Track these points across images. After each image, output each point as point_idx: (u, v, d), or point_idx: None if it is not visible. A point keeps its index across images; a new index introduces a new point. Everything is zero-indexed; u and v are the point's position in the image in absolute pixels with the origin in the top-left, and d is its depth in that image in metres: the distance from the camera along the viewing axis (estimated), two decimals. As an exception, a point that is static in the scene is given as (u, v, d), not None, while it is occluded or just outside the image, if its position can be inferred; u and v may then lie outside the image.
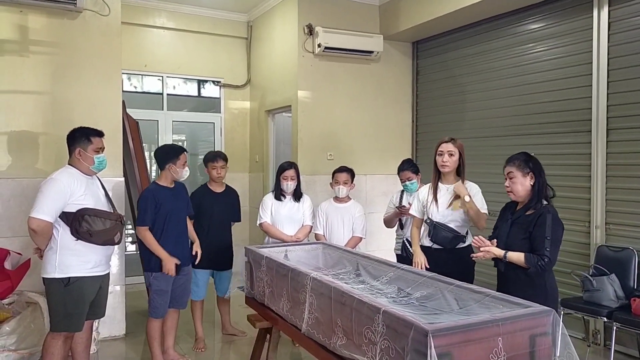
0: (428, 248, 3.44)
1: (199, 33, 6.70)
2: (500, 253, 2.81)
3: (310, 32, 5.77)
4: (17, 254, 3.92)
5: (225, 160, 4.34)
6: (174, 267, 3.63)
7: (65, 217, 3.01)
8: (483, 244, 2.87)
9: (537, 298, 2.35)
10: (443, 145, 3.42)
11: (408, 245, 4.06)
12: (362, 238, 4.27)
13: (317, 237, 4.27)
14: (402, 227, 4.28)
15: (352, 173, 4.29)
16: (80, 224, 3.01)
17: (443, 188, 3.45)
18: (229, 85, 7.00)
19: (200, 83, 7.09)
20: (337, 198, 4.29)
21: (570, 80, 4.56)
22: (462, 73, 5.73)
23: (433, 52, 6.19)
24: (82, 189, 3.05)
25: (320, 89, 5.91)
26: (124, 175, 4.57)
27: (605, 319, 3.83)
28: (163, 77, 6.71)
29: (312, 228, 4.25)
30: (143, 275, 3.85)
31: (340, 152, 5.97)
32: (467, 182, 3.46)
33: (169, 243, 3.64)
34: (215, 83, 7.02)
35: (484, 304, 2.29)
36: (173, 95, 6.88)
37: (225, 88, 7.00)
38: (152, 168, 6.16)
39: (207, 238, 4.13)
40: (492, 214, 3.39)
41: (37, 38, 4.19)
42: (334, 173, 4.30)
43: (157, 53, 6.52)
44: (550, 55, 4.74)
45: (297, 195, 4.22)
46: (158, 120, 6.71)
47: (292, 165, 4.21)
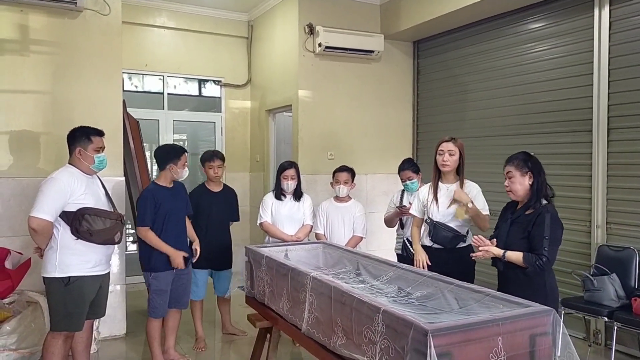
0: (428, 247, 3.44)
1: (200, 32, 6.70)
2: (499, 252, 2.81)
3: (311, 31, 5.77)
4: (17, 254, 3.92)
5: (223, 160, 4.32)
6: (182, 260, 3.64)
7: (66, 216, 3.01)
8: (482, 244, 2.87)
9: (537, 298, 2.35)
10: (443, 145, 3.42)
11: (408, 245, 4.06)
12: (362, 237, 4.27)
13: (317, 236, 4.27)
14: (402, 226, 4.28)
15: (352, 172, 4.29)
16: (81, 223, 3.01)
17: (443, 187, 3.45)
18: (230, 85, 6.99)
19: (201, 82, 7.09)
20: (337, 197, 4.29)
21: (571, 80, 4.55)
22: (462, 72, 5.72)
23: (434, 51, 6.19)
24: (82, 188, 3.05)
25: (321, 89, 5.91)
26: (125, 175, 4.58)
27: (606, 319, 3.84)
28: (164, 76, 6.71)
29: (312, 227, 4.26)
30: (143, 275, 3.85)
31: (341, 151, 5.96)
32: (467, 181, 3.45)
33: (169, 243, 3.64)
34: (216, 82, 7.01)
35: (484, 304, 2.29)
36: (174, 95, 6.88)
37: (226, 87, 7.00)
38: (152, 168, 6.16)
39: (205, 238, 4.10)
40: (493, 214, 3.39)
41: (37, 37, 4.19)
42: (335, 172, 4.30)
43: (157, 52, 6.52)
44: (551, 55, 4.74)
45: (297, 195, 4.22)
46: (159, 120, 6.71)
47: (292, 165, 4.21)
